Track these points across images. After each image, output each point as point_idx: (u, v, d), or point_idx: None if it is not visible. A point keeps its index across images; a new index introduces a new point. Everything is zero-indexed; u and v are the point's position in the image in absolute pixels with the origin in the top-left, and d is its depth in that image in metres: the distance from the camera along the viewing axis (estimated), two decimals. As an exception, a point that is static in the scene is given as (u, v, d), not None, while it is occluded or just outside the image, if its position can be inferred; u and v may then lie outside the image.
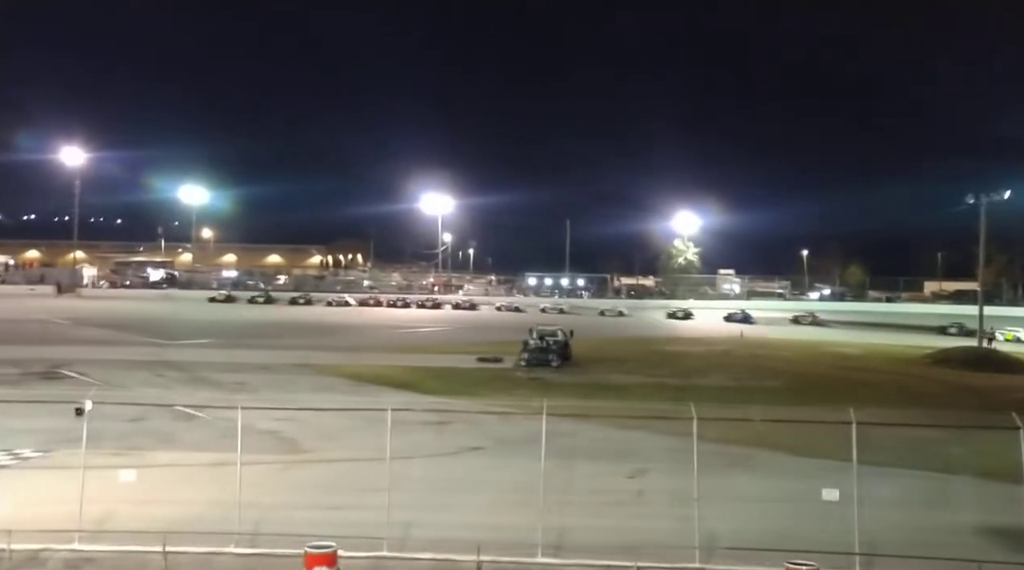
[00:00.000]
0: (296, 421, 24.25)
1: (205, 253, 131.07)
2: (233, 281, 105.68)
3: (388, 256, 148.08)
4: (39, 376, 34.25)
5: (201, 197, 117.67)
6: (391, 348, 48.47)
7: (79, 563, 13.89)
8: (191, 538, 14.30)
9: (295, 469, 20.80)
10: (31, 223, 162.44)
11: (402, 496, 15.77)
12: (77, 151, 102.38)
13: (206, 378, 35.13)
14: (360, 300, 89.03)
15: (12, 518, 14.85)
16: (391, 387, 32.96)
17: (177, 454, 21.30)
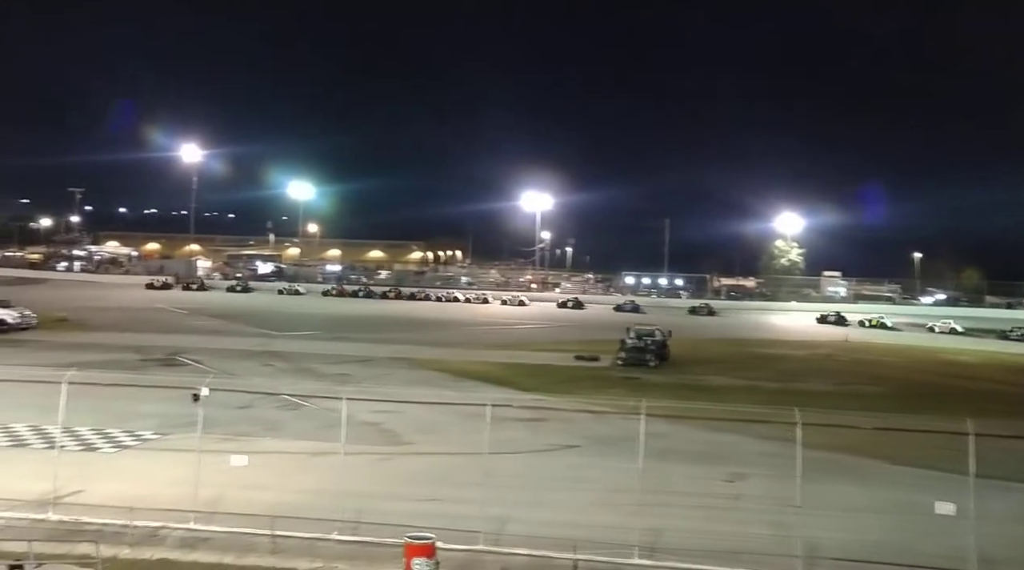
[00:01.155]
0: (396, 413, 24.81)
1: (311, 247, 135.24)
2: (337, 275, 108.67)
3: (486, 253, 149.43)
4: (158, 363, 36.14)
5: (308, 193, 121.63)
6: (488, 344, 48.96)
7: (194, 542, 14.60)
8: (297, 523, 14.85)
9: (395, 460, 21.30)
10: (152, 217, 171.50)
11: (498, 491, 15.98)
12: (195, 149, 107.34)
13: (311, 369, 36.34)
14: (458, 296, 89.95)
15: (134, 496, 15.79)
16: (487, 383, 33.35)
17: (283, 442, 22.15)
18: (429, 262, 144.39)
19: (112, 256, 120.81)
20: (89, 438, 21.78)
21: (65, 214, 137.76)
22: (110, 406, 22.95)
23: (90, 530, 14.48)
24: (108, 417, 22.86)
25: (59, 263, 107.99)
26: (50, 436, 19.67)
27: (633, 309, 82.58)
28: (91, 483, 17.03)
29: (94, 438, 21.88)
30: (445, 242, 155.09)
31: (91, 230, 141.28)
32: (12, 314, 46.18)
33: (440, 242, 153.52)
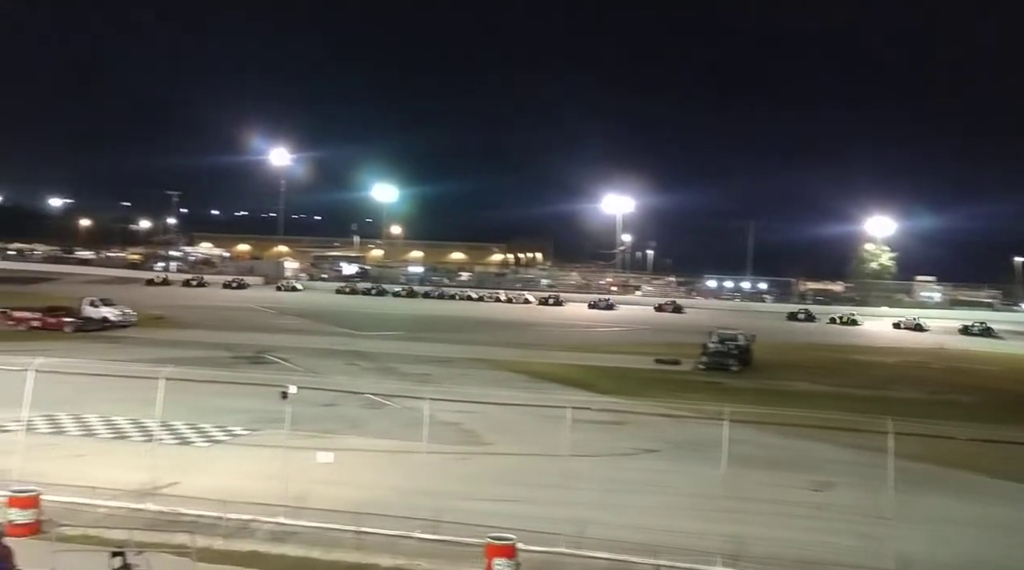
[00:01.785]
0: (475, 413, 25.01)
1: (394, 249, 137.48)
2: (419, 277, 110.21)
3: (567, 255, 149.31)
4: (248, 360, 37.32)
5: (392, 195, 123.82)
6: (568, 346, 48.88)
7: (283, 536, 15.05)
8: (380, 520, 15.13)
9: (475, 460, 21.49)
10: (242, 219, 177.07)
11: (578, 493, 15.97)
12: (284, 153, 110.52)
13: (392, 368, 36.97)
14: (539, 298, 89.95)
15: (226, 490, 16.36)
16: (566, 385, 33.32)
17: (366, 439, 22.61)
18: (509, 264, 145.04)
19: (205, 257, 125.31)
20: (184, 432, 22.67)
21: (163, 216, 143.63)
22: (203, 402, 23.84)
23: (185, 521, 15.08)
24: (201, 412, 23.75)
25: (157, 263, 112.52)
26: (148, 430, 20.53)
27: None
28: (186, 476, 17.73)
29: (189, 432, 22.76)
30: (526, 244, 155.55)
31: (186, 232, 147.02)
32: (115, 312, 48.49)
33: (521, 244, 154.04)
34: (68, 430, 22.72)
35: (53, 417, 23.14)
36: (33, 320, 45.54)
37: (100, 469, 18.04)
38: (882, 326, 75.71)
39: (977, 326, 71.61)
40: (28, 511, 14.64)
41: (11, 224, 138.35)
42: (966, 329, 71.68)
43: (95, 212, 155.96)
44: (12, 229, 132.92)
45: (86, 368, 23.55)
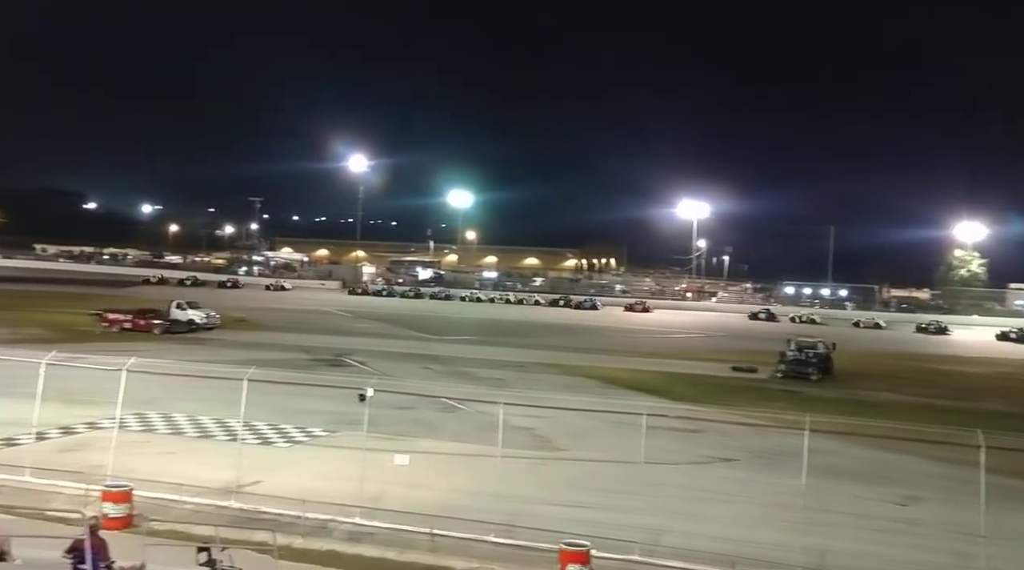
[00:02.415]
0: (548, 419, 25.00)
1: (469, 254, 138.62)
2: (493, 282, 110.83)
3: (641, 261, 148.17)
4: (326, 363, 38.10)
5: (466, 201, 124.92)
6: (642, 352, 48.45)
7: (359, 536, 15.28)
8: (454, 523, 15.22)
9: (549, 466, 21.45)
10: (322, 224, 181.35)
11: (653, 501, 15.83)
12: (362, 160, 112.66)
13: (466, 372, 37.23)
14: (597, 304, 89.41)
15: (305, 489, 16.70)
16: (640, 391, 33.04)
17: (441, 443, 22.78)
18: (583, 269, 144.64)
19: (286, 261, 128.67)
20: (266, 432, 23.26)
21: (246, 222, 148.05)
22: (284, 403, 24.42)
23: (266, 519, 15.45)
24: (282, 413, 24.33)
25: (240, 268, 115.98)
26: (232, 429, 21.16)
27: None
28: (268, 475, 18.17)
29: (270, 433, 23.34)
30: (599, 249, 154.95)
31: (268, 237, 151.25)
32: (200, 315, 50.19)
33: (594, 249, 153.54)
34: (157, 428, 23.55)
35: (144, 416, 24.03)
36: (125, 322, 47.46)
37: (187, 467, 18.62)
38: (974, 335, 72.81)
39: (1014, 332, 68.54)
40: (121, 506, 15.23)
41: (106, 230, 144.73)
42: (1003, 335, 68.97)
43: (183, 218, 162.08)
44: (107, 235, 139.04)
45: (173, 369, 24.34)
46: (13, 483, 17.01)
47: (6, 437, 20.48)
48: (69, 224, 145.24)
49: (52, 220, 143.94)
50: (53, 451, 19.56)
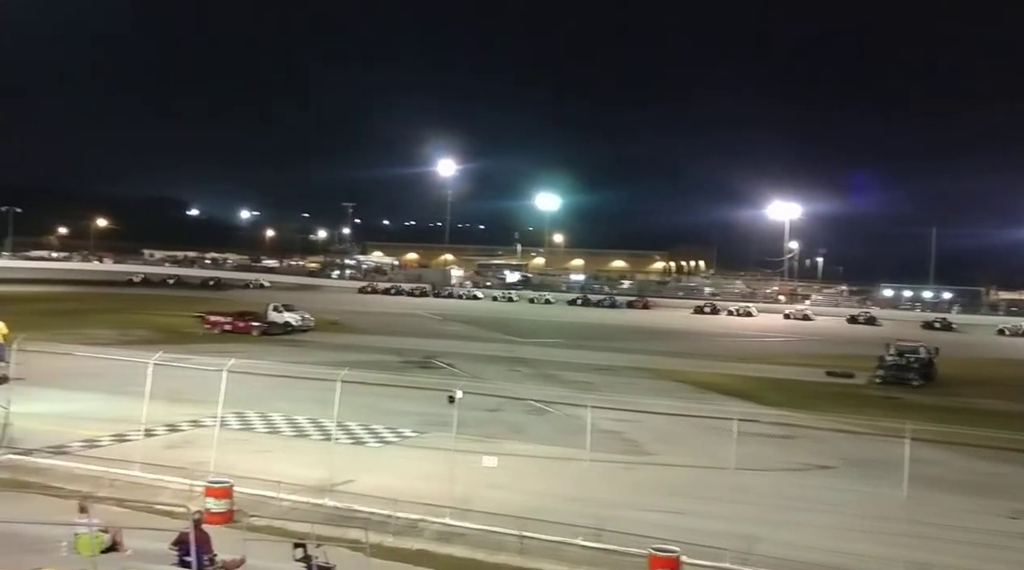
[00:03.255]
0: (637, 423, 24.81)
1: (556, 257, 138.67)
2: (580, 284, 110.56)
3: (731, 263, 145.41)
4: (416, 365, 38.74)
5: (553, 204, 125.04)
6: (732, 356, 47.54)
7: (449, 537, 15.47)
8: (543, 526, 15.25)
9: (638, 470, 21.30)
10: (412, 228, 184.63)
11: (744, 508, 15.49)
12: (450, 164, 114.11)
13: (554, 375, 37.26)
14: (697, 306, 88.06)
15: (396, 489, 17.02)
16: (730, 396, 32.43)
17: (529, 445, 22.89)
18: (671, 272, 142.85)
19: (377, 265, 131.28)
20: (358, 432, 23.81)
21: (339, 227, 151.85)
22: (376, 404, 24.98)
23: (359, 517, 15.79)
24: (374, 414, 24.87)
25: (333, 271, 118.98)
26: (326, 429, 21.72)
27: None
28: (360, 474, 18.59)
29: (362, 433, 23.88)
30: (688, 252, 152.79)
31: (360, 241, 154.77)
32: (296, 317, 51.75)
33: (683, 252, 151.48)
34: (256, 427, 24.40)
35: (243, 414, 24.93)
36: (225, 324, 49.37)
37: (284, 465, 19.22)
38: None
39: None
40: (223, 501, 15.84)
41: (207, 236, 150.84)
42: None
43: (279, 223, 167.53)
44: (208, 240, 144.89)
45: (271, 369, 25.18)
46: (125, 478, 17.92)
47: (118, 433, 21.60)
48: (174, 230, 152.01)
49: (159, 227, 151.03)
50: (160, 447, 20.51)
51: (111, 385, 24.46)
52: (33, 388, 23.60)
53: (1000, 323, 78.92)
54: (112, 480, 17.77)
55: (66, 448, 20.27)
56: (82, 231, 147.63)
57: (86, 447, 20.61)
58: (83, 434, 21.68)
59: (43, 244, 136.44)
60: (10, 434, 19.80)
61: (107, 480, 17.77)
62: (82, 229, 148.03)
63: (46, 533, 12.06)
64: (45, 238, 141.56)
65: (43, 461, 19.02)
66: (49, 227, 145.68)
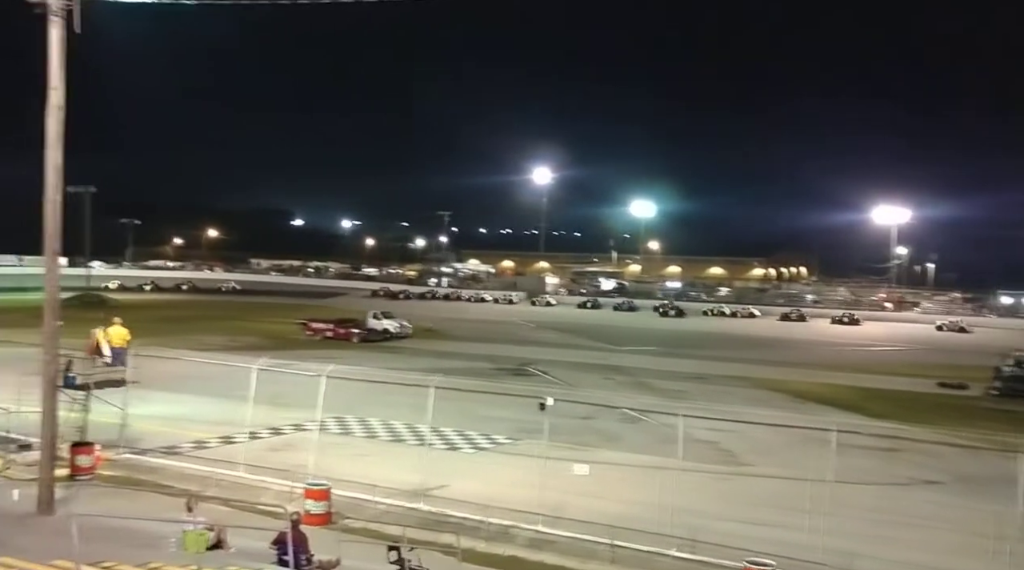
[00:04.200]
0: (734, 433, 24.34)
1: (652, 264, 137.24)
2: (676, 292, 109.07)
3: (834, 269, 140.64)
4: (510, 372, 39.03)
5: (649, 211, 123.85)
6: (835, 366, 45.97)
7: (540, 544, 15.53)
8: (635, 536, 15.15)
9: (733, 481, 20.91)
10: (507, 236, 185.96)
11: (844, 523, 15.03)
12: (545, 172, 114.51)
13: (648, 384, 36.89)
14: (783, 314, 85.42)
15: (488, 495, 17.21)
16: (833, 406, 31.42)
17: (621, 454, 22.74)
18: (771, 279, 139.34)
19: (473, 273, 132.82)
20: (452, 438, 24.18)
21: (436, 235, 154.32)
22: (470, 410, 25.28)
23: (452, 522, 16.07)
24: (468, 420, 25.20)
25: (430, 279, 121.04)
26: (421, 434, 22.14)
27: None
28: (454, 479, 18.87)
29: (456, 438, 24.25)
30: (789, 258, 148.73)
31: (456, 249, 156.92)
32: (394, 324, 52.97)
33: (783, 258, 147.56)
34: (354, 431, 25.09)
35: (342, 419, 25.67)
36: (327, 331, 50.98)
37: (380, 469, 19.69)
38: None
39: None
40: (321, 503, 16.37)
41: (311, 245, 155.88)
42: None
43: (379, 232, 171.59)
44: (311, 249, 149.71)
45: (369, 375, 25.82)
46: (230, 478, 18.73)
47: (225, 435, 22.59)
48: (279, 240, 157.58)
49: (265, 236, 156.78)
50: (263, 450, 21.34)
51: (218, 389, 25.58)
52: (147, 391, 24.88)
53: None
54: (218, 480, 18.60)
55: (177, 449, 21.36)
56: (195, 241, 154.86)
57: (195, 448, 21.66)
58: (193, 435, 22.79)
59: (160, 254, 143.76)
60: (127, 434, 20.97)
61: (214, 480, 18.62)
62: (195, 239, 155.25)
63: (157, 529, 12.76)
64: (161, 248, 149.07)
65: (156, 460, 20.09)
66: (165, 238, 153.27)
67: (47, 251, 15.12)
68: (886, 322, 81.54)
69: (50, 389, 14.94)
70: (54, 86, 14.69)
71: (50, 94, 14.70)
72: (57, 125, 14.82)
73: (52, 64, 14.62)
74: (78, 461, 18.53)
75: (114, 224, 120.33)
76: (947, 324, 78.18)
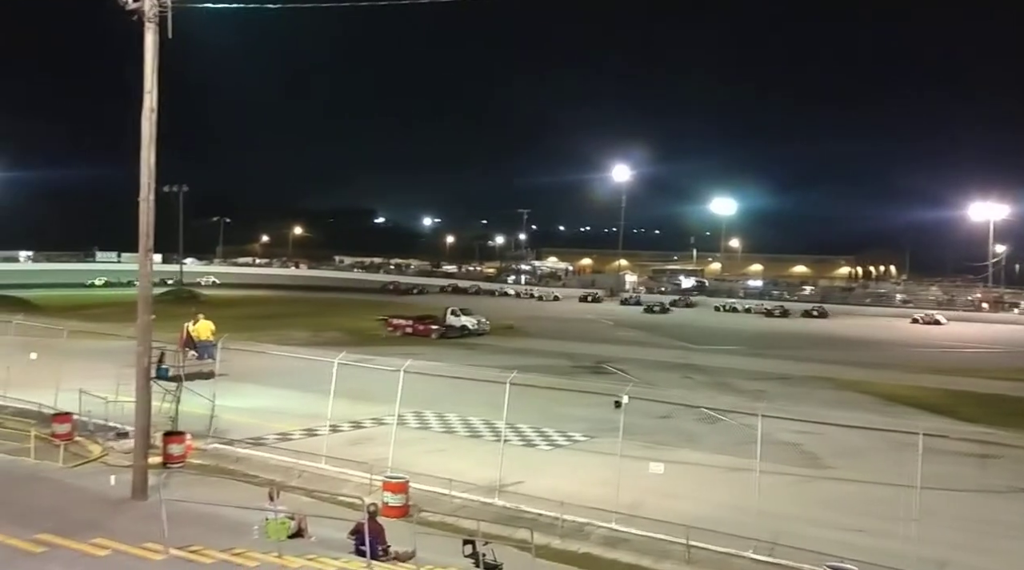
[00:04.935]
0: (817, 435, 23.75)
1: (732, 262, 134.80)
2: (758, 291, 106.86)
3: (926, 269, 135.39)
4: (587, 369, 38.92)
5: (730, 208, 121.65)
6: (925, 368, 44.29)
7: (615, 542, 15.46)
8: (711, 536, 14.93)
9: (815, 484, 20.41)
10: (586, 234, 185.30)
11: (932, 530, 14.48)
12: (624, 169, 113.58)
13: (728, 384, 36.27)
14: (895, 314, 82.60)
15: (563, 492, 17.20)
16: (922, 410, 30.29)
17: (699, 454, 22.45)
18: (858, 278, 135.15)
19: (551, 270, 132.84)
20: (529, 435, 24.28)
21: (515, 233, 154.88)
22: (546, 407, 25.34)
23: (527, 518, 16.13)
24: (544, 417, 25.25)
25: (509, 276, 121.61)
26: (498, 430, 22.30)
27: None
28: (529, 476, 18.95)
29: (533, 435, 24.33)
30: (877, 257, 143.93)
31: (535, 247, 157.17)
32: (472, 321, 53.46)
33: (872, 256, 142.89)
34: (432, 426, 25.43)
35: (420, 414, 26.07)
36: (407, 327, 51.84)
37: (457, 463, 19.90)
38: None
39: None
40: (399, 496, 16.67)
41: (392, 243, 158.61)
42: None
43: (459, 230, 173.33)
44: (393, 247, 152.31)
45: (446, 371, 26.13)
46: (313, 470, 19.24)
47: (308, 428, 23.22)
48: (362, 238, 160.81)
49: (348, 235, 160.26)
50: (344, 443, 21.83)
51: (301, 382, 26.29)
52: (235, 383, 25.78)
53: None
54: (301, 471, 19.13)
55: (263, 440, 22.04)
56: (281, 239, 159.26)
57: (280, 439, 22.31)
58: (277, 427, 23.48)
59: (248, 251, 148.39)
60: (216, 425, 21.75)
61: (296, 471, 19.16)
62: (281, 237, 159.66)
63: (241, 517, 13.20)
64: (249, 246, 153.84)
65: (242, 451, 20.79)
66: (253, 236, 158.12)
67: (141, 248, 15.77)
68: (974, 323, 78.01)
69: (144, 380, 15.60)
70: (148, 90, 15.31)
71: (145, 98, 15.33)
72: (151, 127, 15.44)
73: (147, 68, 15.24)
74: (170, 449, 19.33)
75: (205, 222, 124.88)
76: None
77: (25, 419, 22.81)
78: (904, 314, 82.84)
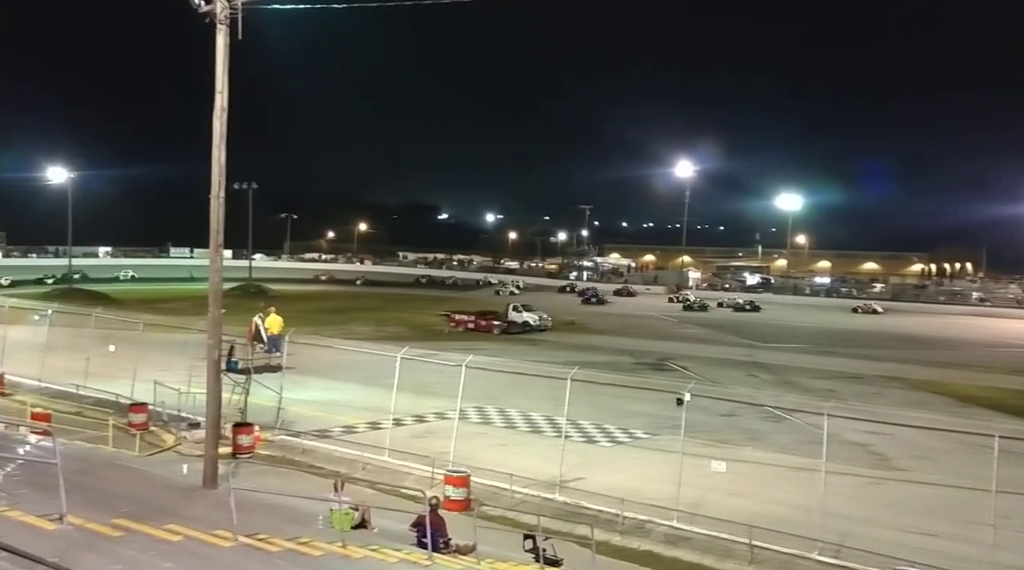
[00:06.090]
0: (887, 435, 23.18)
1: (799, 259, 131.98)
2: (826, 288, 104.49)
3: (1005, 265, 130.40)
4: (649, 366, 38.62)
5: (796, 204, 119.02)
6: (1006, 368, 42.73)
7: (676, 540, 15.36)
8: (775, 537, 14.71)
9: (884, 486, 19.91)
10: (649, 230, 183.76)
11: (1009, 535, 14.01)
12: (688, 165, 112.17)
13: (794, 382, 35.57)
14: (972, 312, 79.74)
15: (625, 489, 17.16)
16: (998, 411, 29.23)
17: (763, 453, 22.13)
18: (931, 275, 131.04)
19: (614, 266, 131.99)
20: (590, 431, 24.23)
21: (577, 229, 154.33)
22: (608, 403, 25.27)
23: (587, 514, 16.12)
24: (606, 413, 25.18)
25: (571, 273, 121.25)
26: (559, 426, 22.32)
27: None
28: (590, 472, 18.95)
29: (594, 431, 24.27)
30: (953, 253, 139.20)
31: (597, 243, 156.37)
32: (534, 317, 53.51)
33: (946, 253, 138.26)
34: (493, 421, 25.58)
35: (482, 409, 26.24)
36: (469, 322, 52.16)
37: (518, 458, 20.01)
38: None
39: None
40: (460, 489, 16.83)
41: (455, 238, 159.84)
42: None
43: (521, 226, 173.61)
44: (455, 243, 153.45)
45: (508, 367, 26.23)
46: (376, 462, 19.56)
47: (372, 421, 23.59)
48: (426, 234, 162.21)
49: (412, 230, 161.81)
50: (407, 436, 22.12)
51: (365, 376, 26.70)
52: (302, 376, 26.34)
53: None
54: (365, 464, 19.45)
55: (328, 432, 22.48)
56: (347, 235, 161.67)
57: (345, 432, 22.73)
58: (342, 420, 23.91)
59: (314, 247, 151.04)
60: (283, 417, 22.26)
61: (361, 463, 19.48)
62: (347, 233, 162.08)
63: (307, 507, 13.50)
64: (316, 241, 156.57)
65: (308, 442, 21.23)
66: (319, 232, 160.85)
67: (211, 244, 16.21)
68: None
69: (214, 372, 16.03)
70: (219, 90, 15.71)
71: (216, 97, 15.74)
72: (222, 126, 15.83)
73: (218, 69, 15.64)
74: (239, 440, 19.87)
75: (273, 218, 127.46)
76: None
77: (104, 409, 23.71)
78: (981, 313, 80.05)
